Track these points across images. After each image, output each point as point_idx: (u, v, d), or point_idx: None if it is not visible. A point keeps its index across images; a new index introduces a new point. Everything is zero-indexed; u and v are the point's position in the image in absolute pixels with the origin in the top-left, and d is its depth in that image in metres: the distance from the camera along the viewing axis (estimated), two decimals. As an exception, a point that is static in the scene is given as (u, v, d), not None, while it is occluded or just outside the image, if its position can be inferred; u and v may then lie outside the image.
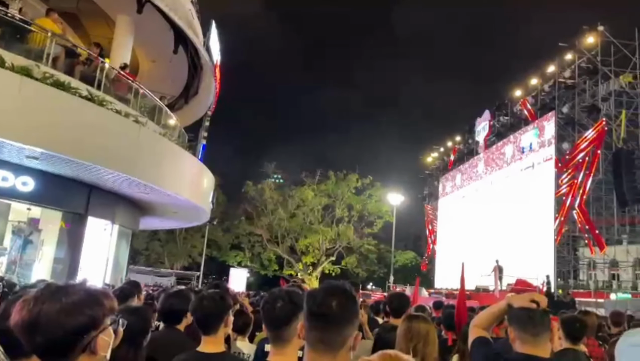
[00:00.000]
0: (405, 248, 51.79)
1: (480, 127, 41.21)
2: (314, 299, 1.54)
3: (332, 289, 1.55)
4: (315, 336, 1.50)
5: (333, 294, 1.52)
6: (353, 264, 38.84)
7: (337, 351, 1.46)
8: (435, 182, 51.13)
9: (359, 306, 1.57)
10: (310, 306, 1.53)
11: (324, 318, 1.48)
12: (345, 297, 1.53)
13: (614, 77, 28.35)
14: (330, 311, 1.48)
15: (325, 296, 1.52)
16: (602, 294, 29.91)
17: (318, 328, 1.50)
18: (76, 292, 1.31)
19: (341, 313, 1.49)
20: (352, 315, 1.52)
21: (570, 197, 26.00)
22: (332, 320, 1.48)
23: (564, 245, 29.08)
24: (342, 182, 37.54)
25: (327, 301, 1.50)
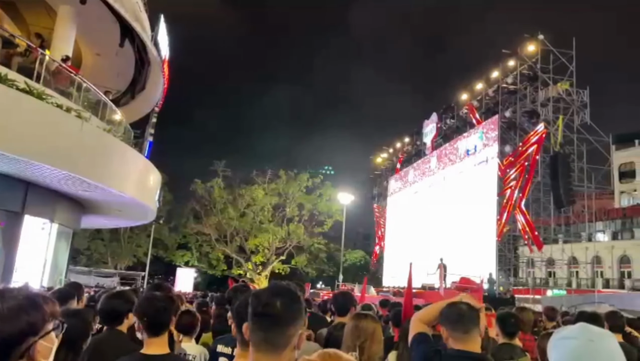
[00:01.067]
0: (355, 247, 52.44)
1: (427, 129, 42.28)
2: (258, 300, 1.54)
3: (277, 289, 1.57)
4: (260, 337, 1.51)
5: (277, 294, 1.54)
6: (303, 263, 38.92)
7: (282, 351, 1.48)
8: (385, 182, 52.07)
9: (303, 306, 1.59)
10: (255, 307, 1.53)
11: (269, 318, 1.50)
12: (290, 297, 1.55)
13: (553, 84, 29.81)
14: (275, 311, 1.50)
15: (269, 297, 1.53)
16: (539, 291, 31.45)
17: (262, 329, 1.51)
18: (14, 297, 1.26)
19: (285, 314, 1.51)
20: (296, 315, 1.54)
21: (511, 197, 27.10)
22: (277, 320, 1.50)
23: (505, 244, 30.28)
24: (293, 181, 37.55)
25: (271, 302, 1.51)
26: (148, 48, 16.62)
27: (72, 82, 12.71)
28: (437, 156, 37.50)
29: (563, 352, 1.48)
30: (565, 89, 29.47)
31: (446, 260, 29.44)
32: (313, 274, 41.42)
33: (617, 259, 35.99)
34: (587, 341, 1.44)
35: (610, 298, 19.64)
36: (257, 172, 38.16)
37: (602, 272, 36.52)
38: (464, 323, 2.27)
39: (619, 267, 35.95)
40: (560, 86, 29.46)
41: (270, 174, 37.98)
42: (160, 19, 18.07)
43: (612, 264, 36.01)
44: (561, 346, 1.50)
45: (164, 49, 18.12)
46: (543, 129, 26.79)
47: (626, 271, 35.49)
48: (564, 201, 27.41)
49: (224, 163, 37.26)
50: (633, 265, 34.89)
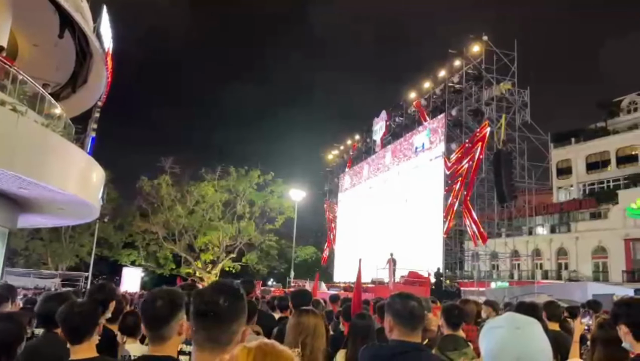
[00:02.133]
0: (307, 243, 52.58)
1: (377, 127, 42.93)
2: (201, 298, 1.54)
3: (219, 287, 1.58)
4: (203, 335, 1.51)
5: (220, 292, 1.54)
6: (254, 261, 38.59)
7: (225, 348, 1.48)
8: (336, 178, 52.50)
9: (246, 303, 1.60)
10: (198, 306, 1.53)
11: (212, 316, 1.50)
12: (233, 295, 1.56)
13: (496, 84, 30.94)
14: (218, 309, 1.50)
15: (212, 295, 1.53)
16: (483, 283, 32.60)
17: (206, 327, 1.50)
18: None
19: (228, 311, 1.51)
20: (239, 312, 1.55)
21: (457, 194, 27.95)
22: (220, 318, 1.50)
23: (452, 239, 31.21)
24: (244, 177, 37.09)
25: (214, 300, 1.52)
26: (90, 39, 15.96)
27: (7, 74, 12.04)
28: (391, 152, 38.13)
29: (492, 341, 1.55)
30: (507, 88, 30.66)
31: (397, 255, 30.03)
32: (264, 271, 41.15)
33: (555, 252, 37.86)
34: (514, 329, 1.52)
35: (549, 289, 20.61)
36: (207, 169, 37.48)
37: (542, 264, 38.30)
38: (413, 320, 2.35)
39: (557, 259, 37.83)
40: (503, 86, 30.61)
41: (220, 171, 37.38)
42: (103, 10, 17.38)
43: (551, 256, 37.84)
44: (490, 336, 1.57)
45: (107, 41, 17.44)
46: (487, 127, 27.77)
47: (563, 263, 37.41)
48: (507, 197, 28.53)
49: (171, 159, 36.36)
50: (569, 257, 36.81)
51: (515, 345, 1.49)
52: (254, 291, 6.31)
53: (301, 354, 2.41)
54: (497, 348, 1.53)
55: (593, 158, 40.77)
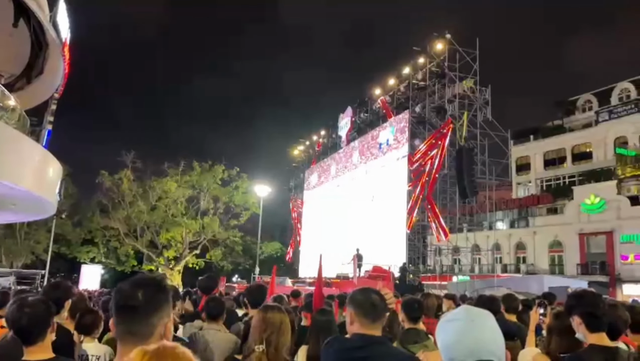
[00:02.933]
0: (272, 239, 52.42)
1: (343, 123, 43.13)
2: (120, 293, 1.56)
3: (139, 281, 1.59)
4: (123, 329, 1.53)
5: (139, 286, 1.55)
6: (218, 257, 38.18)
7: (146, 341, 1.46)
8: (302, 174, 52.49)
9: (170, 296, 1.60)
10: (117, 300, 1.55)
11: (131, 310, 1.51)
12: (153, 288, 1.57)
13: (458, 82, 31.52)
14: (137, 302, 1.51)
15: (131, 289, 1.54)
16: (445, 277, 33.26)
17: (126, 321, 1.52)
18: None
19: (147, 304, 1.52)
20: (160, 305, 1.55)
21: (420, 189, 28.40)
22: (139, 311, 1.51)
23: (415, 234, 31.71)
24: (208, 173, 36.58)
25: (133, 294, 1.52)
26: (45, 29, 15.34)
27: (-44, 62, 11.47)
28: (358, 150, 38.37)
29: (447, 333, 1.60)
30: (469, 86, 31.27)
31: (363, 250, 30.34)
32: (228, 268, 40.77)
33: (514, 246, 38.96)
34: (468, 321, 1.57)
35: (508, 282, 21.18)
36: (170, 164, 36.77)
37: (501, 258, 39.36)
38: (374, 312, 2.37)
39: (516, 253, 38.94)
40: (465, 84, 31.21)
41: (183, 166, 36.72)
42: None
43: (510, 250, 38.92)
44: (446, 329, 1.62)
45: (65, 31, 16.81)
46: (450, 125, 28.29)
47: (521, 256, 38.54)
48: (468, 192, 29.16)
49: (133, 154, 35.49)
50: (527, 251, 37.96)
51: (469, 337, 1.53)
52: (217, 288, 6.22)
53: (265, 351, 2.39)
54: (453, 340, 1.57)
55: (550, 156, 42.12)
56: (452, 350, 1.57)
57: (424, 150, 28.89)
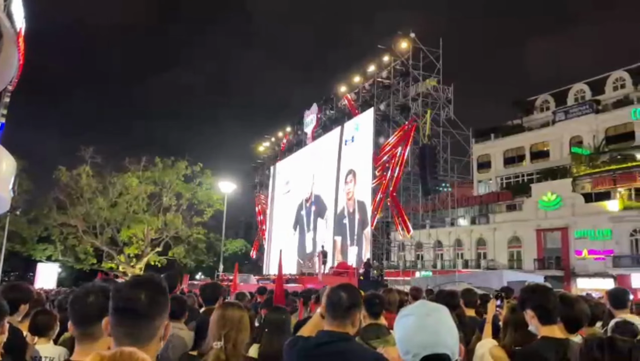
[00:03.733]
0: (236, 236, 51.98)
1: (308, 119, 43.11)
2: (119, 294, 1.49)
3: (140, 282, 1.53)
4: (124, 332, 1.46)
5: (140, 287, 1.49)
6: (181, 254, 37.58)
7: (147, 344, 1.44)
8: (267, 170, 52.19)
9: (167, 297, 1.55)
10: (117, 302, 1.48)
11: (132, 312, 1.45)
12: (154, 290, 1.51)
13: (422, 80, 31.96)
14: (139, 305, 1.45)
15: (132, 290, 1.48)
16: (409, 273, 33.78)
17: (126, 324, 1.46)
18: None
19: (150, 307, 1.47)
20: (161, 307, 1.51)
21: (384, 186, 28.69)
22: (141, 314, 1.46)
23: (379, 230, 32.02)
24: (170, 169, 35.92)
25: (134, 295, 1.46)
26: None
27: None
28: (322, 146, 38.41)
29: (404, 328, 1.63)
30: (432, 85, 31.75)
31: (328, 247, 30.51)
32: (192, 265, 40.22)
33: (474, 242, 39.94)
34: (424, 316, 1.60)
35: (469, 277, 21.69)
36: (131, 159, 35.88)
37: (463, 254, 40.30)
38: (340, 310, 2.39)
39: (477, 249, 39.95)
40: (428, 82, 31.67)
41: (145, 161, 35.90)
42: (15, -13, 16.06)
43: (471, 246, 39.90)
44: (403, 323, 1.65)
45: (19, 21, 16.16)
46: (413, 123, 28.68)
47: (482, 252, 39.56)
48: (431, 189, 29.67)
49: (92, 149, 34.45)
50: (488, 246, 38.98)
51: (424, 331, 1.57)
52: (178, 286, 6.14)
53: (224, 348, 2.37)
54: (408, 334, 1.60)
55: (510, 154, 43.32)
56: (408, 344, 1.60)
57: (389, 148, 29.18)
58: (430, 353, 1.54)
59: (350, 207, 31.56)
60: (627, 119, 35.02)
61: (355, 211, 30.88)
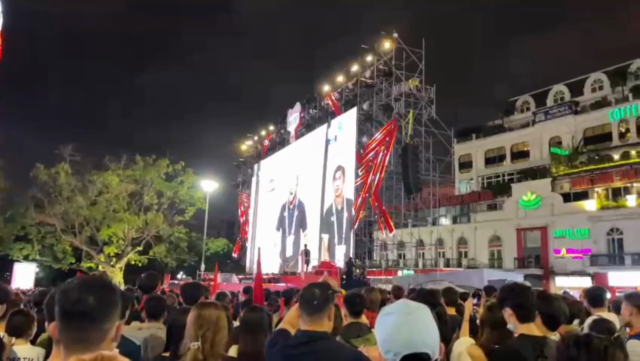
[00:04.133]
0: (219, 235, 51.61)
1: (291, 118, 43.07)
2: (66, 296, 1.43)
3: (88, 284, 1.47)
4: (73, 337, 1.41)
5: (89, 289, 1.44)
6: (162, 253, 37.13)
7: (97, 347, 1.39)
8: (249, 169, 51.99)
9: (118, 298, 1.51)
10: (63, 305, 1.42)
11: (81, 315, 1.40)
12: (104, 291, 1.47)
13: (405, 80, 32.16)
14: (88, 308, 1.40)
15: (80, 293, 1.42)
16: (391, 272, 33.97)
17: (74, 327, 1.41)
18: None
19: (99, 309, 1.42)
20: (111, 309, 1.46)
21: (367, 185, 28.81)
22: (90, 317, 1.41)
23: (362, 229, 32.15)
24: (152, 167, 35.47)
25: (83, 298, 1.41)
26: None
27: None
28: (306, 145, 38.38)
29: (385, 327, 1.63)
30: (415, 85, 31.98)
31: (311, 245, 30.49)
32: (173, 264, 39.79)
33: (456, 241, 40.29)
34: (405, 315, 1.60)
35: (450, 276, 21.89)
36: (111, 157, 35.31)
37: (444, 253, 40.61)
38: (316, 308, 2.39)
39: (458, 248, 40.30)
40: (411, 82, 31.89)
41: (125, 160, 35.37)
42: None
43: (452, 245, 40.24)
44: (383, 322, 1.65)
45: (-4, 15, 15.84)
46: (396, 122, 28.83)
47: (463, 251, 39.93)
48: (413, 188, 29.85)
49: (71, 147, 33.82)
50: (469, 245, 39.37)
51: (405, 330, 1.57)
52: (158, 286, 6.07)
53: (202, 348, 2.35)
54: (389, 333, 1.60)
55: (491, 154, 43.82)
56: (388, 343, 1.60)
57: (372, 147, 29.30)
58: (411, 352, 1.54)
59: (339, 204, 31.44)
60: (604, 120, 35.69)
61: (343, 209, 30.78)
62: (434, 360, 1.59)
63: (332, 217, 32.09)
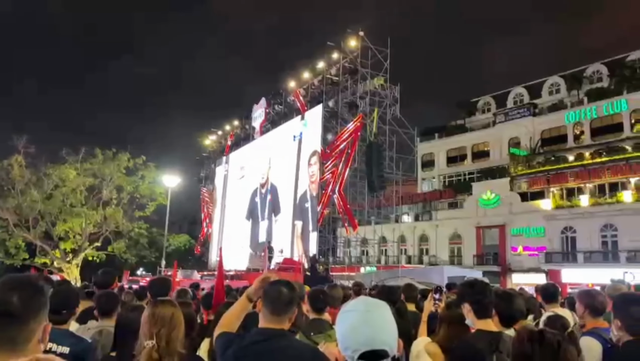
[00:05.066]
0: (180, 231, 50.76)
1: (257, 114, 42.76)
2: None
3: (12, 283, 1.41)
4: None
5: (13, 288, 1.38)
6: (121, 249, 36.19)
7: (25, 348, 1.34)
8: (213, 164, 51.34)
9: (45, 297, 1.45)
10: None
11: (5, 315, 1.34)
12: (30, 290, 1.41)
13: (370, 79, 32.41)
14: (12, 307, 1.34)
15: (3, 292, 1.37)
16: (353, 268, 34.24)
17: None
18: None
19: (24, 308, 1.36)
20: (37, 309, 1.40)
21: (332, 183, 28.90)
22: (15, 317, 1.35)
23: (326, 226, 32.25)
24: (111, 161, 34.49)
25: (6, 298, 1.35)
26: None
27: None
28: (271, 141, 38.10)
29: (345, 324, 1.64)
30: (380, 84, 32.28)
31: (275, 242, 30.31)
32: (133, 260, 38.87)
33: (418, 238, 40.99)
34: (364, 312, 1.61)
35: (411, 273, 22.18)
36: (68, 150, 34.11)
37: (406, 250, 41.26)
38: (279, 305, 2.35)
39: (419, 245, 41.01)
40: (376, 81, 32.17)
41: (84, 153, 34.25)
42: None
43: (414, 242, 40.91)
44: (343, 319, 1.66)
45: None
46: (361, 120, 29.02)
47: (425, 248, 40.66)
48: (376, 186, 30.15)
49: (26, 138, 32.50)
50: (430, 243, 40.11)
51: (364, 327, 1.58)
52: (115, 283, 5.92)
53: (157, 346, 2.28)
54: (349, 330, 1.61)
55: (453, 153, 44.70)
56: (348, 340, 1.60)
57: (336, 144, 29.39)
58: (370, 349, 1.55)
59: (314, 190, 31.03)
60: (561, 123, 36.94)
61: (318, 195, 30.48)
62: (391, 356, 1.59)
63: (306, 203, 31.59)
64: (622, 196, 30.26)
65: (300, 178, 32.66)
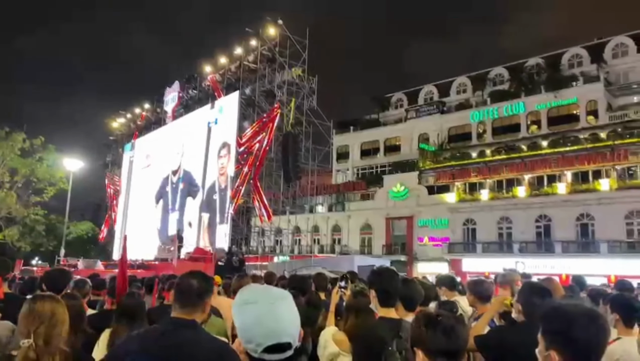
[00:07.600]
0: (83, 218, 47.90)
1: (169, 97, 41.15)
2: None
3: None
4: None
5: None
6: (14, 237, 33.42)
7: None
8: (120, 148, 48.73)
9: None
10: None
11: None
12: None
13: (288, 68, 32.32)
14: None
15: None
16: (267, 258, 34.18)
17: None
18: None
19: None
20: None
21: (247, 171, 28.54)
22: None
23: (240, 215, 31.86)
24: (4, 141, 31.65)
25: None
26: None
27: None
28: (183, 127, 36.75)
29: (246, 317, 1.58)
30: (298, 74, 32.33)
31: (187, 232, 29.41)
32: (27, 249, 36.03)
33: (331, 228, 41.81)
34: (268, 304, 1.57)
35: (323, 262, 22.53)
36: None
37: (319, 240, 41.94)
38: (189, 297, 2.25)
39: (332, 235, 41.87)
40: (294, 71, 32.16)
41: (-28, 131, 31.18)
42: None
43: (327, 232, 41.69)
44: (244, 312, 1.59)
45: None
46: (278, 110, 28.88)
47: (337, 238, 41.61)
48: (292, 176, 30.24)
49: None
50: (342, 233, 41.10)
51: (268, 320, 1.55)
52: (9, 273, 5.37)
53: (34, 345, 2.09)
54: (251, 322, 1.57)
55: (366, 146, 45.98)
56: (250, 333, 1.56)
57: (252, 133, 29.02)
58: (274, 342, 1.52)
59: (223, 182, 30.41)
60: (466, 121, 39.25)
61: (227, 187, 29.88)
62: (294, 347, 1.57)
63: (214, 195, 30.98)
64: (517, 191, 32.77)
65: (209, 169, 31.96)
